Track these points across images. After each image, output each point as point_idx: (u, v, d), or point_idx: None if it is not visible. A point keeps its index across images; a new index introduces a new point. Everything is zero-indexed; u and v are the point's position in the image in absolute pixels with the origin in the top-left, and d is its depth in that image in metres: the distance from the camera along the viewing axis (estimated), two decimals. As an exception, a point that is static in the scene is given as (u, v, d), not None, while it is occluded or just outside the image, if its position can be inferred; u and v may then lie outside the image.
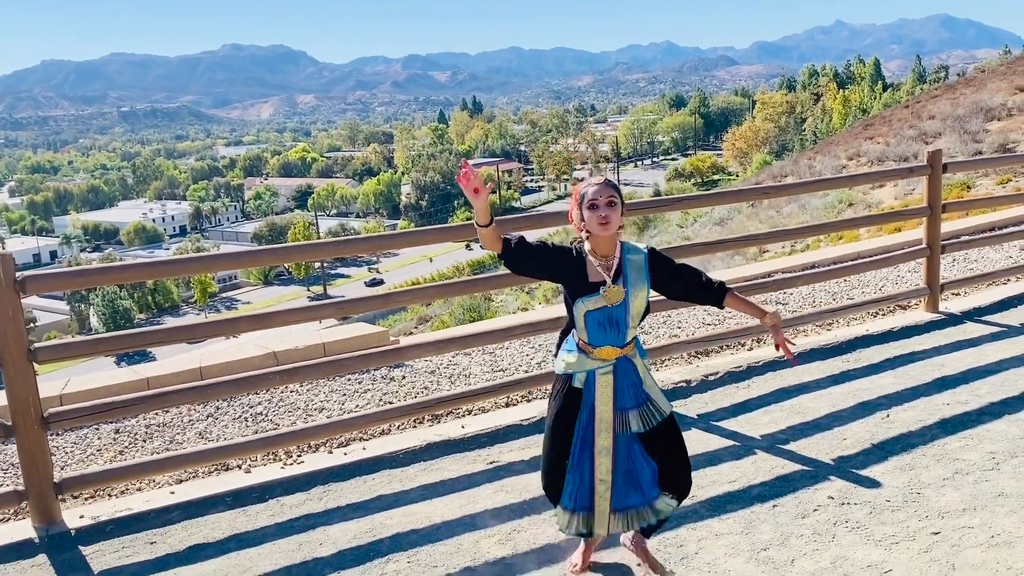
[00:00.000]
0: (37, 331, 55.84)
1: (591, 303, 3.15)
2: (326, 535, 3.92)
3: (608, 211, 3.11)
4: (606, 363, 3.22)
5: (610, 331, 3.18)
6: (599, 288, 3.15)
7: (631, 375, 3.26)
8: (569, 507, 3.31)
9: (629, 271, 3.19)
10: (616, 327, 3.17)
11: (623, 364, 3.24)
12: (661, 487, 3.31)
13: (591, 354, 3.21)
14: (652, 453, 3.29)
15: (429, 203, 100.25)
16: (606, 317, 3.16)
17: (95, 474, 4.31)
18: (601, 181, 3.18)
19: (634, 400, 3.25)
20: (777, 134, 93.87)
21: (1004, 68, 30.72)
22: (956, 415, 4.85)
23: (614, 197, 3.13)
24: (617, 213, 3.13)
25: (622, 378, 3.24)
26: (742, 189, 8.14)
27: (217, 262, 5.09)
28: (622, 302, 3.16)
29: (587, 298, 3.15)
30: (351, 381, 5.98)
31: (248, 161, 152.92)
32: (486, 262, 63.90)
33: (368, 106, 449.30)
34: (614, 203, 3.12)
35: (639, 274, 3.19)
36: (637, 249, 3.25)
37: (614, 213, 3.12)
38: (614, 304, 3.14)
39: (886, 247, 8.62)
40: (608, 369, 3.22)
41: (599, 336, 3.18)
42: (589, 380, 3.24)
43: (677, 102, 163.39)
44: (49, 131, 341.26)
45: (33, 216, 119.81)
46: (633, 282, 3.18)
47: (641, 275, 3.20)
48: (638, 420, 3.25)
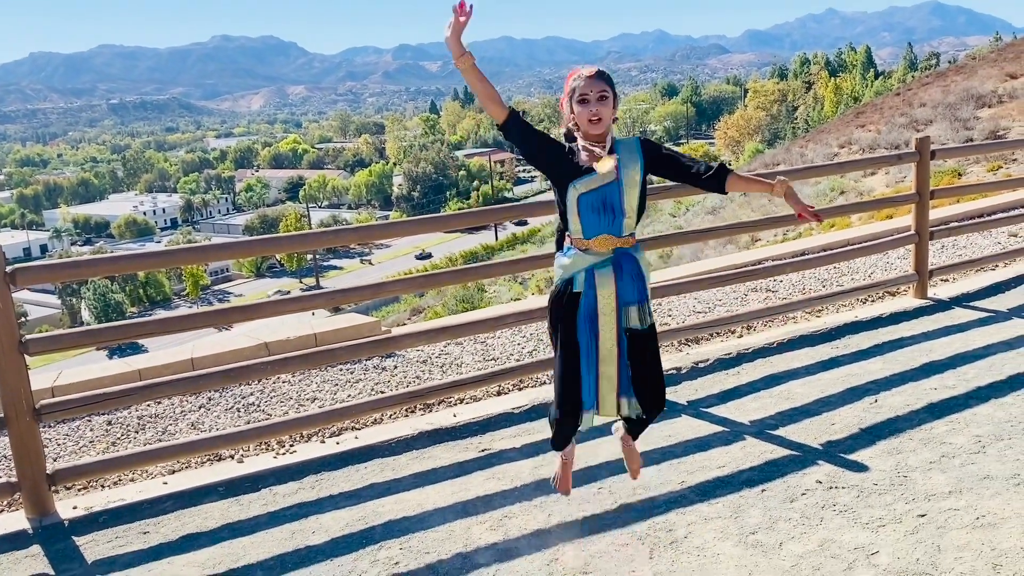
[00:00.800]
0: (28, 325, 55.62)
1: (583, 185, 3.02)
2: (319, 523, 3.94)
3: (599, 106, 3.00)
4: (603, 257, 3.09)
5: (605, 216, 3.05)
6: (592, 170, 3.02)
7: (635, 268, 3.12)
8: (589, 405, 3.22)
9: (621, 151, 3.08)
10: (611, 211, 3.04)
11: (623, 258, 3.11)
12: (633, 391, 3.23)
13: (588, 248, 3.09)
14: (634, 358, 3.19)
15: (421, 194, 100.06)
16: (600, 200, 3.03)
17: (88, 465, 4.32)
18: (592, 73, 3.03)
19: (636, 295, 3.13)
20: (769, 122, 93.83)
21: (995, 55, 30.80)
22: (943, 399, 4.89)
23: (606, 91, 3.00)
24: (609, 108, 3.01)
25: (624, 271, 3.10)
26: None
27: (208, 253, 5.08)
28: (615, 181, 3.03)
29: (579, 180, 3.03)
30: (343, 371, 6.00)
31: (239, 153, 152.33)
32: (478, 253, 63.89)
33: (359, 97, 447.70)
34: (606, 97, 3.00)
35: (631, 154, 3.08)
36: (628, 138, 3.16)
37: (605, 108, 3.00)
38: (606, 182, 3.02)
39: (876, 234, 8.66)
40: (607, 263, 3.09)
41: (594, 224, 3.05)
42: (588, 279, 3.10)
43: (669, 91, 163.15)
44: (38, 124, 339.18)
45: (23, 210, 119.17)
46: (626, 161, 3.05)
47: (634, 154, 3.08)
48: (637, 316, 3.14)
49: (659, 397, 3.30)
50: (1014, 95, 22.62)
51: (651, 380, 3.25)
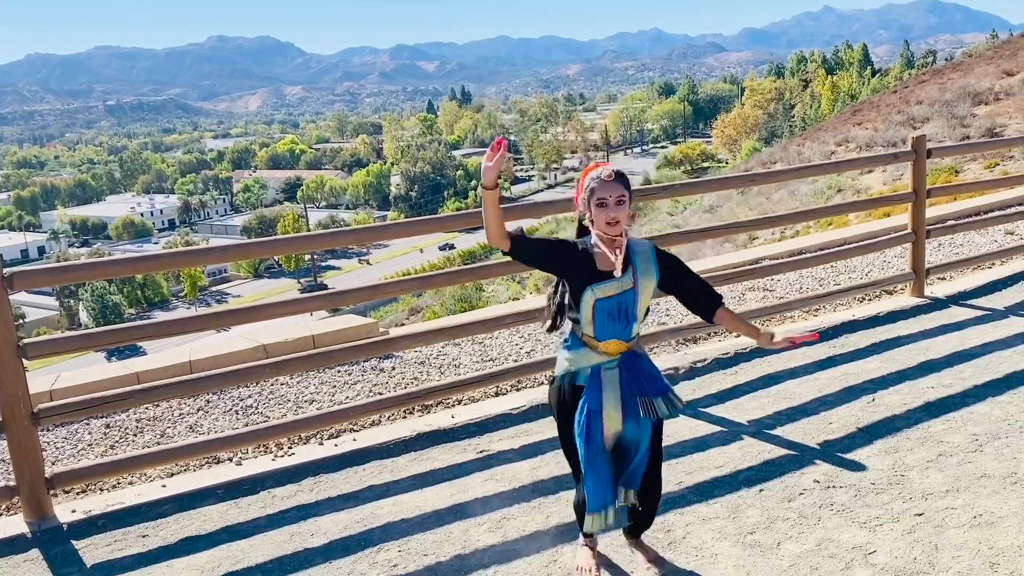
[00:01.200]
0: (26, 327, 55.56)
1: (601, 291, 3.04)
2: (317, 526, 3.95)
3: (617, 211, 3.00)
4: (611, 359, 3.12)
5: (618, 322, 3.07)
6: (609, 276, 3.04)
7: (646, 366, 3.17)
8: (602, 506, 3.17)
9: (638, 260, 3.09)
10: (625, 317, 3.07)
11: (630, 359, 3.15)
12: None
13: (596, 348, 3.11)
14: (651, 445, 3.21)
15: (419, 194, 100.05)
16: (616, 306, 3.05)
17: (86, 468, 4.32)
18: (611, 177, 3.02)
19: (660, 387, 3.16)
20: (766, 121, 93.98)
21: (991, 52, 30.82)
22: (940, 398, 4.91)
23: (623, 196, 3.01)
24: (626, 211, 3.02)
25: (632, 372, 3.14)
26: (731, 176, 8.17)
27: (205, 256, 5.09)
28: (632, 289, 3.05)
29: (597, 285, 3.04)
30: (341, 373, 6.00)
31: (236, 154, 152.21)
32: (476, 252, 63.85)
33: (356, 97, 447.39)
34: (623, 202, 3.01)
35: (648, 264, 3.10)
36: (642, 243, 3.17)
37: (623, 212, 3.01)
38: (624, 290, 3.04)
39: (873, 232, 8.67)
40: (614, 365, 3.13)
41: (606, 328, 3.08)
42: (595, 375, 3.12)
43: (666, 90, 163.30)
44: (35, 126, 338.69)
45: (20, 211, 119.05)
46: (643, 272, 3.08)
47: (650, 266, 3.10)
48: (664, 405, 3.14)
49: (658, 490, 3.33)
50: (1011, 92, 22.64)
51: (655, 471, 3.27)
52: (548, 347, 6.31)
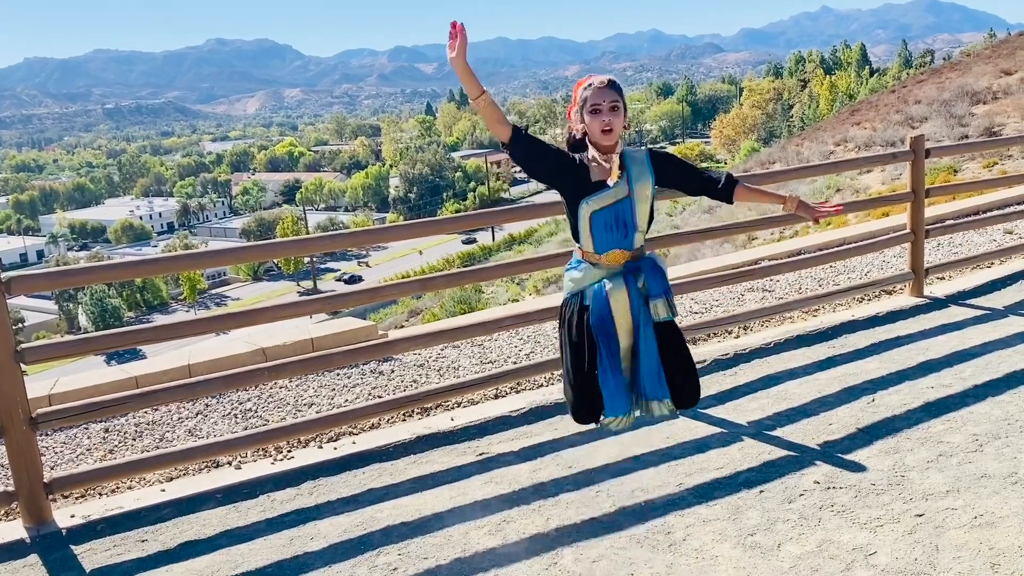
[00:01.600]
0: (25, 331, 55.55)
1: (596, 202, 3.02)
2: (317, 529, 3.94)
3: (611, 116, 2.97)
4: (614, 270, 3.09)
5: (617, 232, 3.04)
6: (603, 186, 3.01)
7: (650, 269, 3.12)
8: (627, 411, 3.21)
9: (632, 165, 3.06)
10: (623, 227, 3.04)
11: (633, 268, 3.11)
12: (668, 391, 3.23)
13: (598, 263, 3.08)
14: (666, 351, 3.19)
15: (418, 196, 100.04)
16: (613, 216, 3.02)
17: (85, 473, 4.31)
18: (604, 83, 3.01)
19: (661, 288, 3.12)
20: (764, 121, 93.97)
21: (989, 52, 30.85)
22: (940, 398, 4.90)
23: (617, 101, 2.98)
24: (620, 118, 2.99)
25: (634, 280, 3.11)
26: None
27: (203, 260, 5.08)
28: (628, 198, 3.02)
29: (592, 197, 3.02)
30: (340, 376, 5.99)
31: (235, 156, 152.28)
32: (476, 254, 63.86)
33: (355, 99, 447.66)
34: (617, 107, 2.98)
35: (642, 168, 3.07)
36: (636, 149, 3.15)
37: (617, 119, 2.98)
38: (619, 199, 3.01)
39: (872, 232, 8.67)
40: (619, 280, 3.09)
41: (605, 239, 3.05)
42: (599, 294, 3.10)
43: (664, 90, 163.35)
44: (33, 129, 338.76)
45: (19, 215, 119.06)
46: (637, 176, 3.05)
47: (644, 169, 3.07)
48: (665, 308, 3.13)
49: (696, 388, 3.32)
50: (1009, 91, 22.66)
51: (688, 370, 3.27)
52: (548, 349, 6.31)
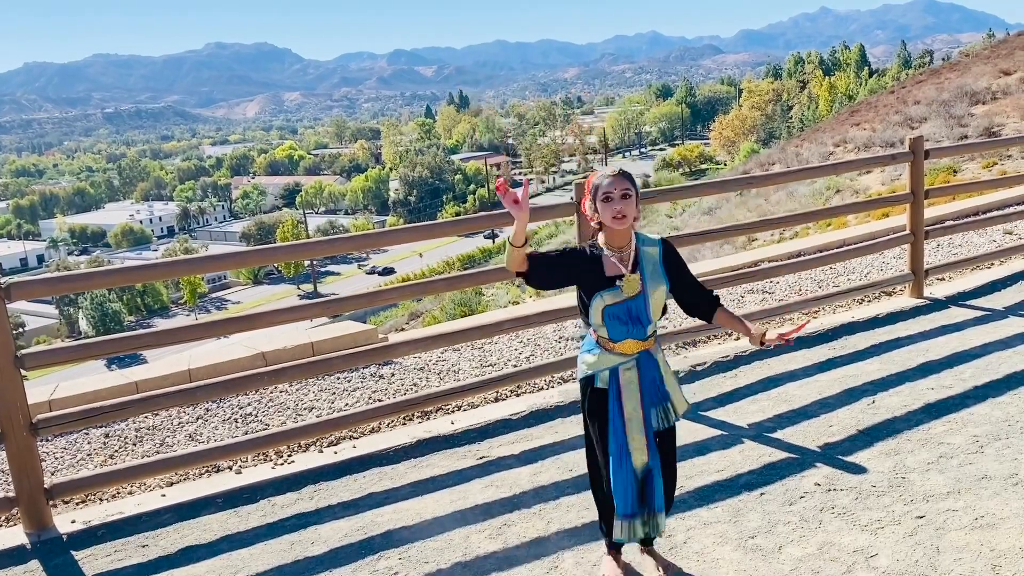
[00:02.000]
0: (26, 336, 55.51)
1: (609, 298, 3.07)
2: (317, 534, 3.94)
3: (623, 204, 3.03)
4: (628, 359, 3.14)
5: (629, 325, 3.10)
6: (615, 282, 3.07)
7: (653, 371, 3.18)
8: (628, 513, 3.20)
9: (646, 265, 3.11)
10: (637, 322, 3.10)
11: (645, 359, 3.16)
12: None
13: (612, 349, 3.14)
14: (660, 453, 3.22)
15: (418, 199, 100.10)
16: (625, 311, 3.08)
17: (86, 479, 4.31)
18: (615, 173, 3.08)
19: (657, 397, 3.18)
20: (764, 122, 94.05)
21: (988, 52, 30.85)
22: (940, 399, 4.90)
23: (629, 190, 3.05)
24: (632, 205, 3.05)
25: (645, 373, 3.16)
26: (730, 179, 8.18)
27: (204, 264, 5.09)
28: (640, 294, 3.07)
29: (605, 292, 3.07)
30: (340, 380, 5.99)
31: (235, 160, 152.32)
32: (475, 256, 63.86)
33: (354, 102, 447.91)
34: (628, 195, 3.04)
35: (655, 270, 3.12)
36: (651, 240, 3.17)
37: (629, 206, 3.04)
38: (632, 296, 3.06)
39: (872, 233, 8.67)
40: (631, 365, 3.14)
41: (619, 331, 3.11)
42: (612, 378, 3.15)
43: (664, 92, 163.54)
44: (33, 134, 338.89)
45: (19, 220, 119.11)
46: (650, 276, 3.10)
47: (657, 272, 3.12)
48: (657, 417, 3.17)
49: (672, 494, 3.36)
50: (1008, 91, 22.65)
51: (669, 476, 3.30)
52: (548, 352, 6.31)
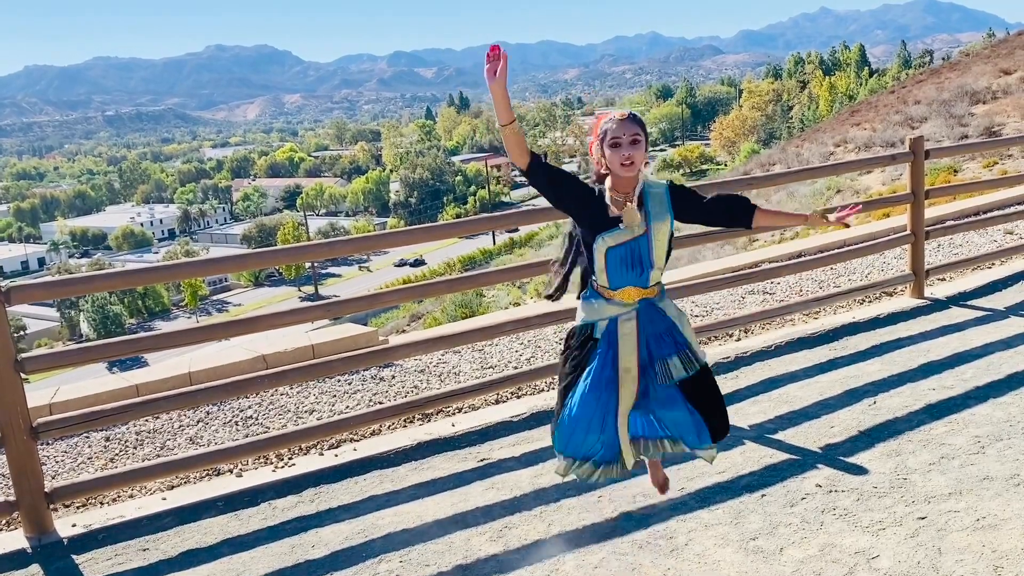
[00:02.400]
0: (27, 339, 55.55)
1: (611, 238, 2.99)
2: (318, 537, 3.93)
3: (632, 150, 2.95)
4: (628, 307, 3.06)
5: (632, 269, 3.02)
6: (619, 223, 2.99)
7: (661, 320, 3.08)
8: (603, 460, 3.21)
9: (651, 204, 3.03)
10: (639, 264, 3.01)
11: (647, 309, 3.07)
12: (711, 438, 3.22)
13: (612, 298, 3.06)
14: (695, 403, 3.14)
15: (418, 200, 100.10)
16: (629, 252, 3.00)
17: (86, 482, 4.31)
18: (624, 116, 3.00)
19: (673, 346, 3.09)
20: (764, 122, 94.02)
21: (988, 51, 30.86)
22: (942, 400, 4.89)
23: (638, 135, 2.96)
24: (641, 151, 2.97)
25: (649, 325, 3.07)
26: (730, 180, 8.17)
27: (204, 267, 5.07)
28: (644, 235, 3.00)
29: (607, 233, 2.99)
30: (341, 382, 5.99)
31: (235, 162, 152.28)
32: (476, 258, 63.85)
33: (355, 104, 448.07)
34: (638, 141, 2.96)
35: (661, 206, 3.03)
36: (657, 183, 3.09)
37: (638, 152, 2.96)
38: (635, 236, 2.99)
39: (873, 234, 8.66)
40: (631, 315, 3.06)
41: (620, 275, 3.03)
42: (610, 328, 3.07)
43: (664, 93, 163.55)
44: (34, 137, 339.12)
45: (20, 223, 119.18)
46: (656, 215, 3.01)
47: (664, 208, 3.03)
48: (680, 366, 3.09)
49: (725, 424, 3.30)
50: (1008, 91, 22.66)
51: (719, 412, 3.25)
52: (548, 354, 6.30)
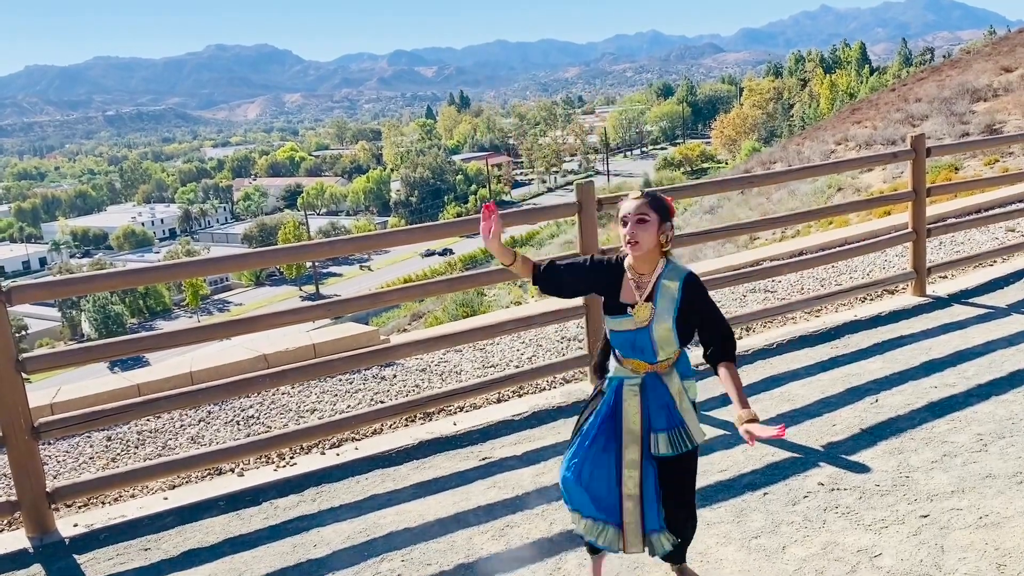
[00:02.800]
0: (29, 339, 55.57)
1: (615, 324, 3.03)
2: (320, 536, 3.93)
3: (636, 229, 2.92)
4: (635, 377, 3.08)
5: (635, 352, 3.04)
6: (627, 310, 3.00)
7: (663, 396, 3.08)
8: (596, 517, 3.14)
9: (660, 299, 2.99)
10: (641, 351, 3.03)
11: (653, 382, 3.08)
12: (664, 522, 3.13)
13: (623, 363, 3.10)
14: (662, 482, 3.11)
15: (419, 199, 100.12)
16: (630, 339, 3.02)
17: (88, 482, 4.31)
18: (638, 197, 2.99)
19: (666, 422, 3.07)
20: (765, 120, 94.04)
21: (989, 49, 30.81)
22: (944, 398, 4.88)
23: (645, 216, 2.93)
24: (649, 232, 2.93)
25: (652, 395, 3.08)
26: (731, 178, 8.17)
27: (205, 267, 5.07)
28: (645, 328, 2.99)
29: (613, 318, 3.03)
30: (342, 381, 5.98)
31: (236, 162, 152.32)
32: (477, 257, 63.85)
33: (355, 103, 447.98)
34: (644, 221, 2.93)
35: (668, 305, 2.99)
36: (677, 272, 3.02)
37: (643, 232, 2.92)
38: (637, 328, 2.99)
39: (874, 232, 8.65)
40: (637, 381, 3.08)
41: (628, 353, 3.07)
42: (618, 386, 3.11)
43: (665, 91, 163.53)
44: (35, 137, 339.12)
45: (21, 223, 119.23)
46: (659, 313, 2.99)
47: (670, 307, 2.99)
48: (667, 443, 3.06)
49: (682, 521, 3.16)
50: (1009, 88, 22.61)
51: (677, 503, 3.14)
52: (550, 352, 6.30)
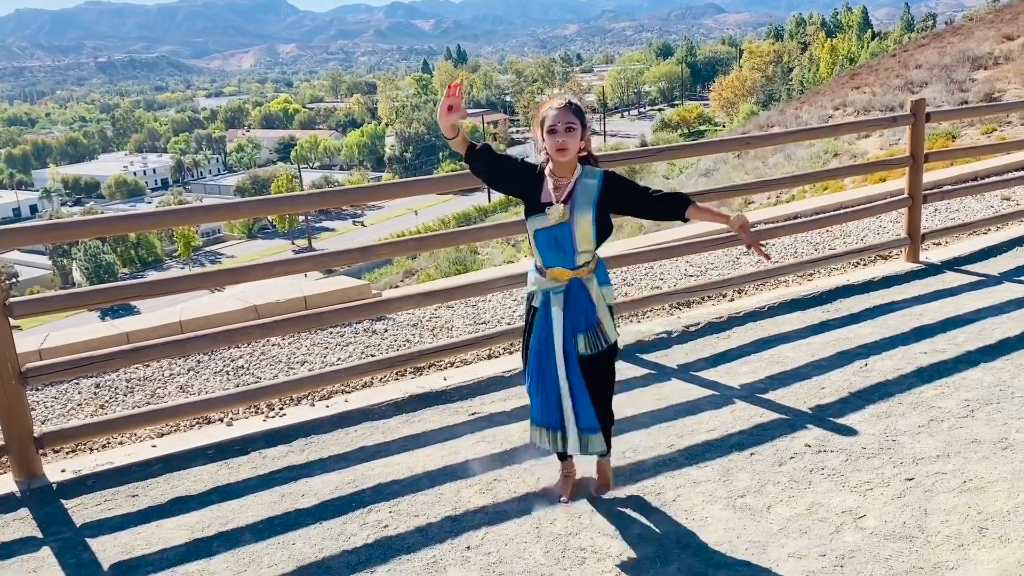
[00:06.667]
0: (19, 286, 55.35)
1: (537, 222, 3.21)
2: (308, 487, 3.94)
3: (565, 137, 3.11)
4: (559, 285, 3.27)
5: (557, 252, 3.22)
6: (545, 208, 3.19)
7: (584, 300, 3.28)
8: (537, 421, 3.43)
9: (579, 195, 3.20)
10: (563, 249, 3.21)
11: (576, 288, 3.27)
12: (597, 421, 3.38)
13: (545, 274, 3.29)
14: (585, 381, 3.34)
15: (414, 155, 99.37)
16: (552, 237, 3.21)
17: (76, 428, 4.31)
18: (562, 104, 3.15)
19: (585, 324, 3.28)
20: (764, 84, 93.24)
21: (992, 16, 30.49)
22: (933, 364, 4.90)
23: (573, 123, 3.12)
24: (575, 138, 3.13)
25: (573, 300, 3.27)
26: (727, 139, 8.10)
27: (195, 215, 5.02)
28: (567, 223, 3.18)
29: (534, 217, 3.22)
30: (333, 334, 5.97)
31: (229, 113, 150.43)
32: (471, 215, 63.64)
33: (351, 56, 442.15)
34: (573, 128, 3.12)
35: (587, 199, 3.20)
36: (594, 173, 3.25)
37: (571, 139, 3.12)
38: (558, 223, 3.17)
39: (870, 197, 8.62)
40: (561, 289, 3.27)
41: (550, 256, 3.25)
42: (545, 300, 3.31)
43: (664, 51, 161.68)
44: (25, 82, 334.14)
45: (11, 170, 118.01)
46: (580, 206, 3.19)
47: (589, 201, 3.20)
48: (584, 343, 3.29)
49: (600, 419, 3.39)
50: (1010, 57, 22.42)
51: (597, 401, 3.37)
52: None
